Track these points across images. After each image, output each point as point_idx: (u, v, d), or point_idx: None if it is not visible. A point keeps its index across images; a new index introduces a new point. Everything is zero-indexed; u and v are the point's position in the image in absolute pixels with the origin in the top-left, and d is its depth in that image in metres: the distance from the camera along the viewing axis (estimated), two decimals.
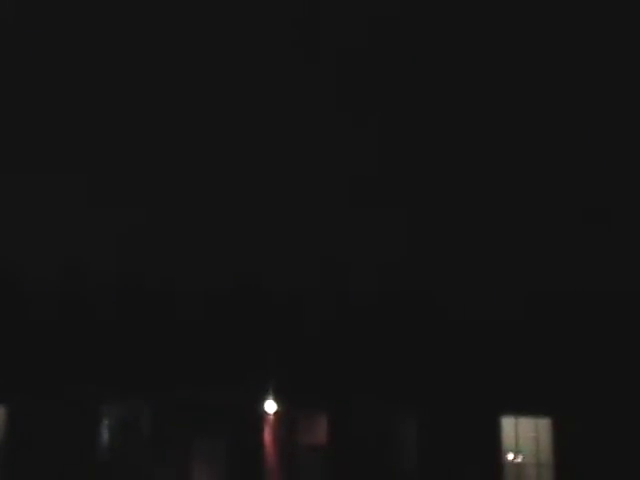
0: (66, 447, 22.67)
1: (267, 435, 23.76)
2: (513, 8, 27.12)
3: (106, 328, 23.69)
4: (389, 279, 25.01)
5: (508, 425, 24.22)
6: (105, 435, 23.10)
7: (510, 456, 24.16)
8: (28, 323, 23.50)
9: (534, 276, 24.61)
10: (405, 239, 25.54)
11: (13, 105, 25.76)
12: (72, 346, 23.43)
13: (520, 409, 24.07)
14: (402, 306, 24.70)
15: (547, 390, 23.90)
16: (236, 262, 24.46)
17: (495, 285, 24.45)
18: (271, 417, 23.84)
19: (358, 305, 24.87)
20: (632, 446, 23.57)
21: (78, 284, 23.87)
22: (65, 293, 23.80)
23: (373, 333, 24.50)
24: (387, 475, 23.85)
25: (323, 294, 24.72)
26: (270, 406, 23.82)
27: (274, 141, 25.85)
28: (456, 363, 24.18)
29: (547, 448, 24.05)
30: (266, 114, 25.88)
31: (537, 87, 28.18)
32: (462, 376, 24.07)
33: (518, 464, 24.17)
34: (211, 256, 24.43)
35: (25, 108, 25.83)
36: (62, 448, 22.65)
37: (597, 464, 23.51)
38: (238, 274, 24.45)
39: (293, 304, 24.65)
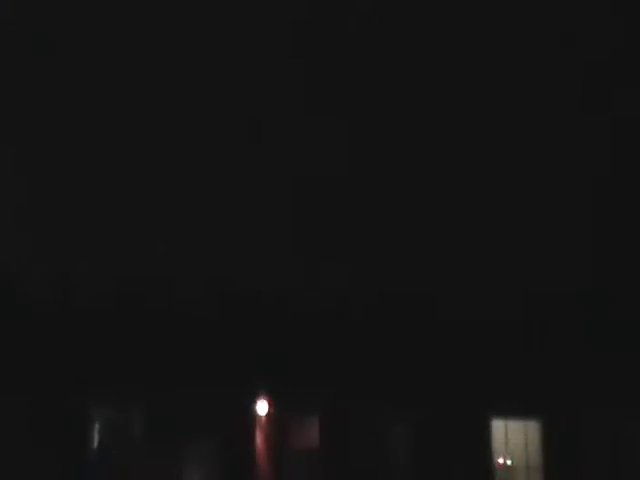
0: (57, 450, 22.94)
1: (259, 437, 23.97)
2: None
3: (97, 331, 23.87)
4: (381, 281, 25.10)
5: (498, 428, 24.38)
6: (96, 438, 23.37)
7: (500, 459, 24.33)
8: (17, 327, 23.70)
9: (522, 279, 24.67)
10: (397, 241, 25.62)
11: (9, 106, 25.87)
12: (62, 349, 23.62)
13: (510, 412, 24.21)
14: (394, 309, 24.80)
15: (536, 393, 24.01)
16: (227, 264, 24.59)
17: (484, 289, 24.51)
18: (263, 419, 24.04)
19: (351, 307, 24.98)
20: (620, 449, 23.70)
21: (69, 289, 24.06)
22: (56, 298, 23.99)
23: (365, 335, 24.62)
24: (378, 478, 24.06)
25: (316, 296, 24.83)
26: (262, 408, 24.02)
27: (254, 144, 25.96)
28: (447, 366, 24.30)
29: (536, 451, 24.21)
30: (235, 121, 26.01)
31: (533, 80, 28.08)
32: (453, 380, 24.19)
33: (508, 467, 24.34)
34: (201, 258, 24.57)
35: (23, 110, 25.94)
36: (53, 451, 22.91)
37: (586, 467, 23.67)
38: (229, 276, 24.58)
39: (285, 305, 24.78)
